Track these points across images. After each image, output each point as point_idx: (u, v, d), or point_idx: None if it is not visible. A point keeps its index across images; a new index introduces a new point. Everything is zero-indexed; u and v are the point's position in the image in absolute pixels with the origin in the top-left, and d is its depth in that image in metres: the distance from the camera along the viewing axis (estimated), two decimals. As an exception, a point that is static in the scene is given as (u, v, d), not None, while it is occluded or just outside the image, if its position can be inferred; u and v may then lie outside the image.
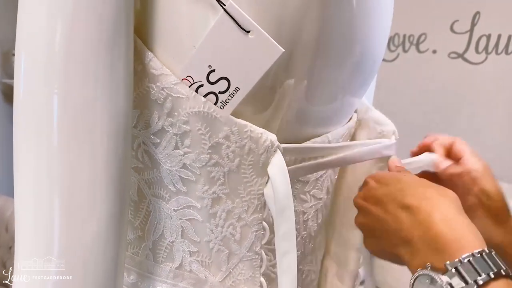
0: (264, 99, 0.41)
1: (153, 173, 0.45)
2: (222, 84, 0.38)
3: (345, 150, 0.48)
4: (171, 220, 0.45)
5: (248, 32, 0.36)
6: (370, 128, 0.55)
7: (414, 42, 2.13)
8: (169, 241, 0.46)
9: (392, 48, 2.18)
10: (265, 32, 0.36)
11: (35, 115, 0.35)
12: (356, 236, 0.55)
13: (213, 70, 0.38)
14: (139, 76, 0.40)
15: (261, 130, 0.41)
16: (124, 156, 0.38)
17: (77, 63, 0.35)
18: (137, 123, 0.43)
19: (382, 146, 0.50)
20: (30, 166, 0.36)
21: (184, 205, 0.44)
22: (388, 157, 0.52)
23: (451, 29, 2.04)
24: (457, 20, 2.02)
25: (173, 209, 0.45)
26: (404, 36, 2.15)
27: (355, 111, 0.56)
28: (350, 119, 0.54)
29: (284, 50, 0.37)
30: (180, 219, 0.45)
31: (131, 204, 0.47)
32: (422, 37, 2.11)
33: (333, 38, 0.42)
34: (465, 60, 2.05)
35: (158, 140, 0.42)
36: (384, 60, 1.99)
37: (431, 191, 0.42)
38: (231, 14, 0.36)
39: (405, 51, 2.16)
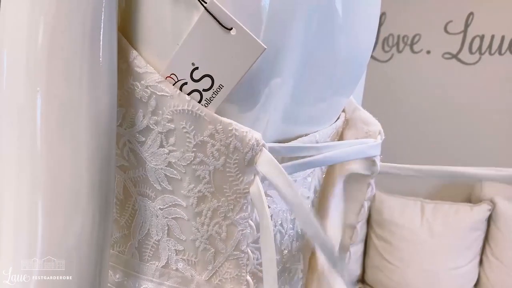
0: (250, 99, 0.41)
1: (138, 171, 0.44)
2: (206, 82, 0.38)
3: (331, 150, 0.48)
4: (157, 218, 0.45)
5: (230, 29, 0.36)
6: (357, 128, 0.55)
7: (408, 42, 2.13)
8: (155, 239, 0.46)
9: (386, 48, 2.18)
10: (246, 29, 0.36)
11: (18, 115, 0.35)
12: (343, 239, 0.55)
13: (197, 68, 0.38)
14: (124, 74, 0.40)
15: (246, 128, 0.41)
16: (108, 156, 0.38)
17: (60, 62, 0.35)
18: (122, 121, 0.43)
19: (367, 146, 0.50)
20: (13, 166, 0.35)
21: (170, 204, 0.44)
22: (373, 157, 0.52)
23: (445, 29, 2.05)
24: (451, 21, 2.03)
25: (159, 208, 0.45)
26: (399, 36, 2.15)
27: (343, 111, 0.56)
28: (338, 118, 0.54)
29: (266, 48, 0.37)
30: (166, 217, 0.45)
31: (116, 202, 0.47)
32: (416, 38, 2.11)
33: (319, 39, 0.42)
34: (459, 60, 2.06)
35: (143, 139, 0.42)
36: (378, 60, 2.00)
37: None
38: (211, 12, 0.36)
39: (399, 51, 2.16)
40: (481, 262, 1.96)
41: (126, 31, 0.40)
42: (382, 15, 2.13)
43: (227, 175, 0.42)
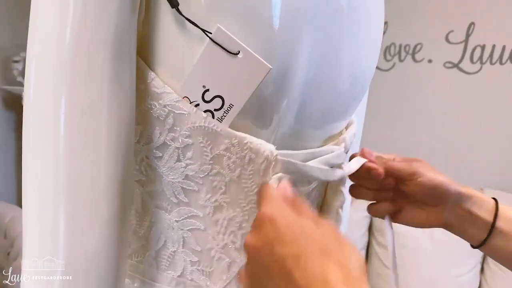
0: (260, 119, 0.44)
1: (155, 185, 0.47)
2: (217, 102, 0.41)
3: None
4: (173, 230, 0.47)
5: (237, 53, 0.39)
6: None
7: (410, 51, 2.15)
8: (171, 250, 0.48)
9: (388, 57, 2.19)
10: (252, 52, 0.39)
11: (43, 121, 0.37)
12: None
13: (208, 90, 0.40)
14: (142, 94, 0.43)
15: (259, 141, 0.43)
16: (126, 165, 0.41)
17: (83, 74, 0.37)
18: (140, 138, 0.45)
19: (331, 156, 0.49)
20: (37, 171, 0.38)
21: (186, 216, 0.46)
22: (339, 164, 0.51)
23: (446, 39, 2.06)
24: (452, 31, 2.04)
25: (175, 220, 0.47)
26: (400, 45, 2.16)
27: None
28: (341, 133, 0.55)
29: (271, 67, 0.39)
30: (182, 229, 0.47)
31: (136, 215, 0.49)
32: (418, 47, 2.13)
33: (324, 57, 0.44)
34: (460, 69, 2.07)
35: (161, 154, 0.44)
36: (380, 69, 2.01)
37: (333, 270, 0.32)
38: (217, 41, 0.38)
39: (401, 60, 2.18)
40: (482, 270, 1.95)
41: (144, 54, 0.42)
42: (384, 24, 2.14)
43: (243, 186, 0.45)
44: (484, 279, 1.94)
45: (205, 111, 0.41)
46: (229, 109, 0.41)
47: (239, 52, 0.39)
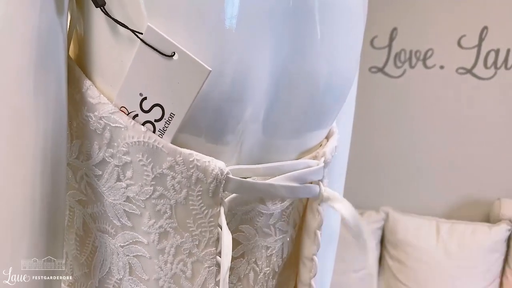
0: (218, 133, 0.39)
1: (97, 206, 0.42)
2: (157, 112, 0.36)
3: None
4: (117, 256, 0.43)
5: (172, 55, 0.34)
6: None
7: (421, 57, 2.09)
8: (116, 278, 0.43)
9: (399, 64, 2.14)
10: (188, 52, 0.34)
11: None
12: (304, 273, 0.51)
13: (145, 98, 0.36)
14: (78, 105, 0.39)
15: (208, 158, 0.38)
16: (54, 191, 0.37)
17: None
18: (79, 154, 0.41)
19: (307, 171, 0.45)
20: None
21: (131, 241, 0.42)
22: (317, 181, 0.47)
23: (459, 44, 2.00)
24: (465, 35, 1.98)
25: (120, 245, 0.42)
26: (411, 51, 2.10)
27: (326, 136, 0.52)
28: (320, 145, 0.50)
29: (211, 70, 0.34)
30: (127, 255, 0.42)
31: (76, 239, 0.45)
32: (429, 53, 2.07)
33: (292, 62, 0.40)
34: (474, 75, 2.00)
35: (100, 172, 0.40)
36: (390, 76, 1.96)
37: None
38: (148, 42, 0.34)
39: (412, 67, 2.11)
40: (501, 284, 1.87)
41: (81, 60, 0.39)
42: (394, 30, 2.10)
43: (190, 209, 0.40)
44: (503, 294, 1.85)
45: (144, 123, 0.37)
46: (170, 119, 0.36)
47: (174, 53, 0.34)
